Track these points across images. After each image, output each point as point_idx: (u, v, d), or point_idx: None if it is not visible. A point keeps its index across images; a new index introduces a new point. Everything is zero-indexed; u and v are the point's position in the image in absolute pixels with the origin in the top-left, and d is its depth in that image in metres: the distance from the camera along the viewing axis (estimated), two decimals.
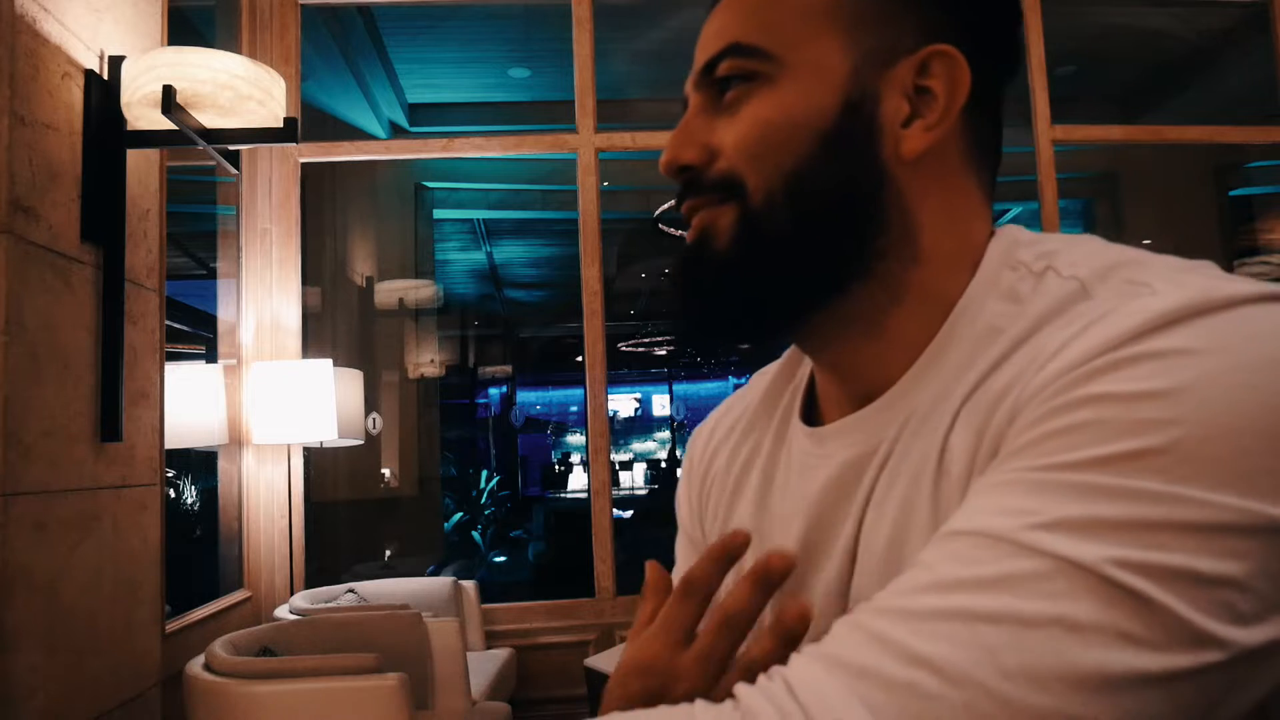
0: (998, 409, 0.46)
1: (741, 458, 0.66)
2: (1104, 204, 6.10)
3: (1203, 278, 0.44)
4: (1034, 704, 0.35)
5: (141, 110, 1.78)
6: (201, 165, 2.86)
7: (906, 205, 0.53)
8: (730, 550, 0.54)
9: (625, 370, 13.67)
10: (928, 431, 0.51)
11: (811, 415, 0.62)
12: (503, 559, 8.69)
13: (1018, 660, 0.36)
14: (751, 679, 0.42)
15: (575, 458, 12.96)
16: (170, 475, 3.63)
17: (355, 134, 5.18)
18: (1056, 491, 0.39)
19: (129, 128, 1.82)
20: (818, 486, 0.56)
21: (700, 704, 0.42)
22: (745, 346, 0.61)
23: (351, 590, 2.85)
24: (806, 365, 0.64)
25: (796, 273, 0.54)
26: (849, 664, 0.39)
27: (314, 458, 3.72)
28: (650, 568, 0.59)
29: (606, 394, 3.28)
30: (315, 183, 4.67)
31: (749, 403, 0.68)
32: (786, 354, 0.67)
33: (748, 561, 0.62)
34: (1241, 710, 0.37)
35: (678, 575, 0.74)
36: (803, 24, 0.54)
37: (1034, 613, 0.36)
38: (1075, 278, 0.48)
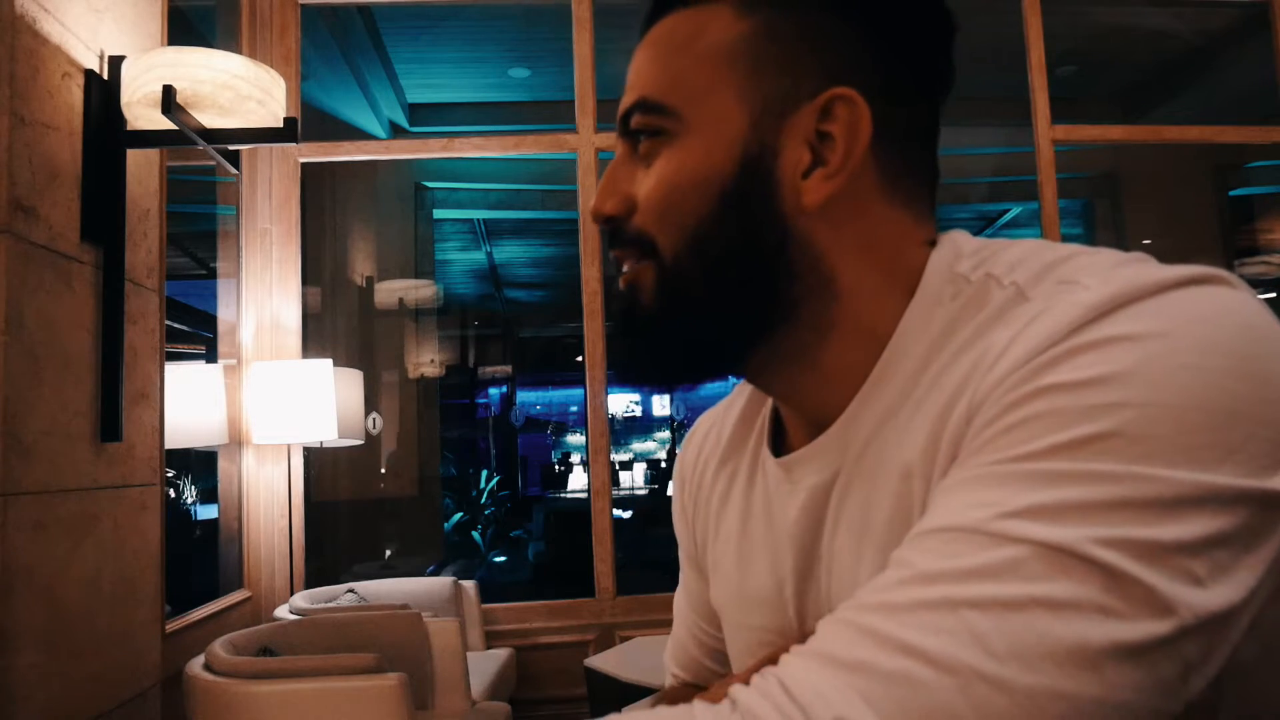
0: (952, 413, 0.47)
1: (724, 478, 0.68)
2: (1104, 204, 6.10)
3: (1130, 269, 0.45)
4: (1025, 683, 0.37)
5: (141, 110, 1.78)
6: (201, 165, 2.86)
7: (817, 252, 0.54)
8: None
9: None
10: (880, 448, 0.52)
11: (779, 441, 0.63)
12: (503, 559, 8.69)
13: (1005, 643, 0.37)
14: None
15: (575, 458, 12.96)
16: (170, 475, 3.63)
17: (355, 134, 5.18)
18: (1021, 481, 0.41)
19: (129, 128, 1.82)
20: (793, 515, 0.58)
21: (699, 704, 0.42)
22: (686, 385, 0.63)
23: (351, 590, 2.85)
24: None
25: (716, 324, 0.55)
26: (841, 660, 0.39)
27: (314, 458, 3.72)
28: None
29: (606, 394, 3.28)
30: (315, 183, 4.67)
31: (729, 421, 0.69)
32: None
33: (736, 589, 0.65)
34: (1209, 677, 0.39)
35: (681, 594, 0.77)
36: (703, 75, 0.54)
37: (1015, 596, 0.38)
38: (1013, 283, 0.49)
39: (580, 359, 3.35)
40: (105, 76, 1.81)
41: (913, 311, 0.53)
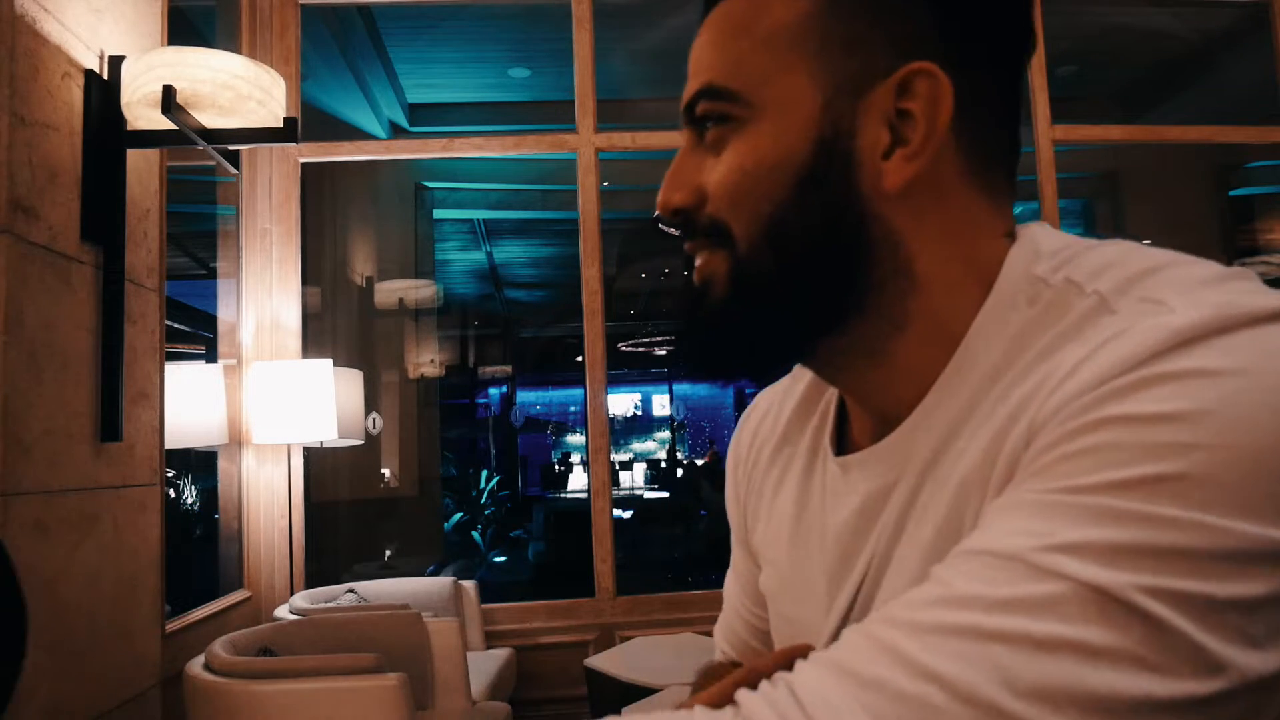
0: (1012, 430, 0.45)
1: (780, 462, 0.66)
2: (1104, 204, 6.10)
3: (1224, 293, 0.42)
4: None
5: (141, 110, 1.78)
6: (201, 165, 2.86)
7: (896, 237, 0.52)
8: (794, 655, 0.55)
9: (625, 370, 13.67)
10: (942, 463, 0.50)
11: (843, 432, 0.61)
12: (503, 559, 8.69)
13: (1030, 681, 0.36)
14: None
15: (575, 458, 12.96)
16: (170, 475, 3.63)
17: (355, 134, 5.19)
18: (1073, 514, 0.38)
19: (129, 128, 1.82)
20: (842, 517, 0.57)
21: (700, 710, 0.41)
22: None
23: (351, 590, 2.85)
24: None
25: (789, 315, 0.53)
26: (857, 673, 0.38)
27: (314, 458, 3.72)
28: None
29: (606, 394, 3.28)
30: (315, 183, 4.67)
31: (789, 404, 0.67)
32: None
33: (785, 577, 0.64)
34: None
35: (731, 575, 0.76)
36: (770, 57, 0.52)
37: (1048, 634, 0.36)
38: (1096, 292, 0.46)
39: (580, 359, 3.35)
40: (105, 76, 1.81)
41: (987, 313, 0.50)
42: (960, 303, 0.51)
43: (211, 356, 3.19)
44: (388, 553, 4.71)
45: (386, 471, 5.64)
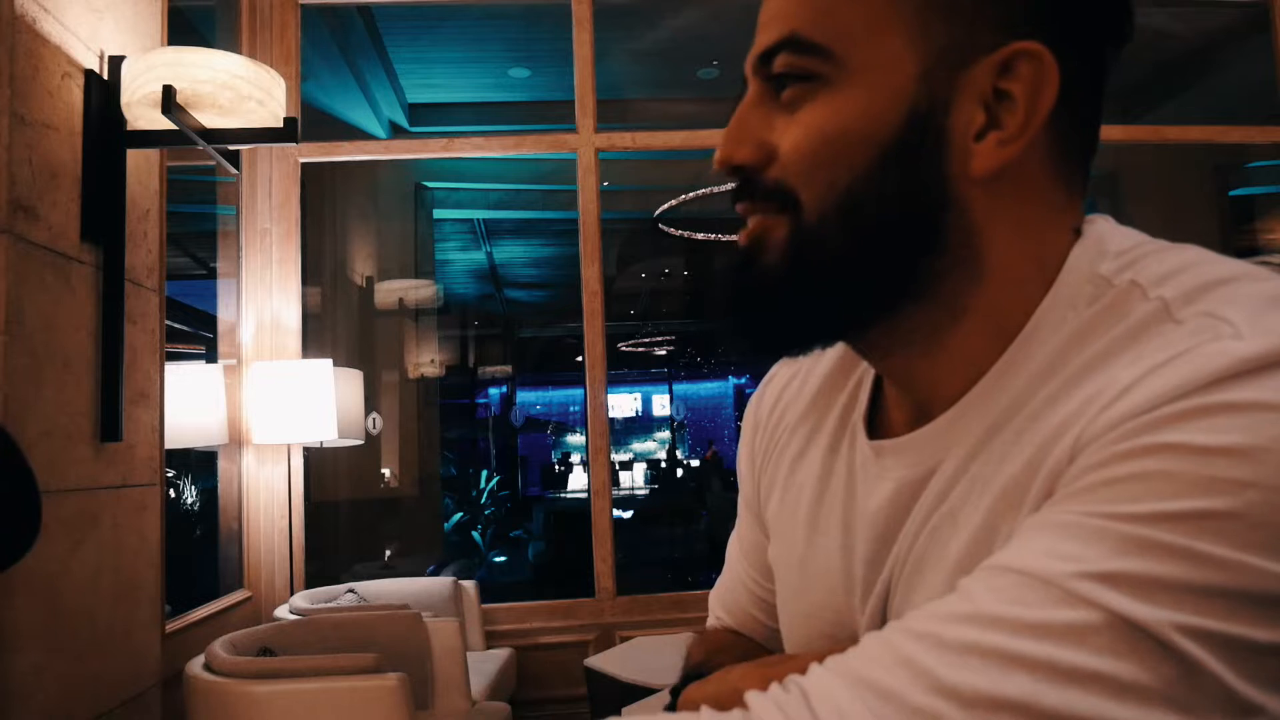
0: (1057, 443, 0.43)
1: (803, 433, 0.63)
2: (1104, 204, 6.09)
3: None
4: None
5: (141, 110, 1.78)
6: (201, 165, 2.86)
7: (973, 225, 0.49)
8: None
9: (625, 370, 13.67)
10: (984, 460, 0.48)
11: (876, 413, 0.59)
12: (503, 559, 8.69)
13: (1050, 710, 0.35)
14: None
15: (575, 458, 12.96)
16: (170, 475, 3.63)
17: (355, 134, 5.19)
18: (1114, 542, 0.37)
19: (129, 128, 1.82)
20: (877, 503, 0.54)
21: (706, 711, 0.41)
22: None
23: (351, 590, 2.85)
24: None
25: (848, 293, 0.50)
26: (873, 684, 0.37)
27: (314, 458, 3.72)
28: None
29: (606, 394, 3.28)
30: (315, 183, 4.67)
31: (817, 372, 0.64)
32: None
33: (800, 556, 0.61)
34: None
35: (735, 541, 0.74)
36: (867, 12, 0.48)
37: (1074, 664, 0.35)
38: (1160, 298, 0.44)
39: (580, 359, 3.35)
40: (105, 76, 1.81)
41: (1046, 309, 0.48)
42: (1022, 299, 0.49)
43: (211, 356, 3.19)
44: (388, 553, 4.71)
45: (386, 471, 5.64)
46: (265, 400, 2.82)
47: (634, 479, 12.59)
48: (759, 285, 0.52)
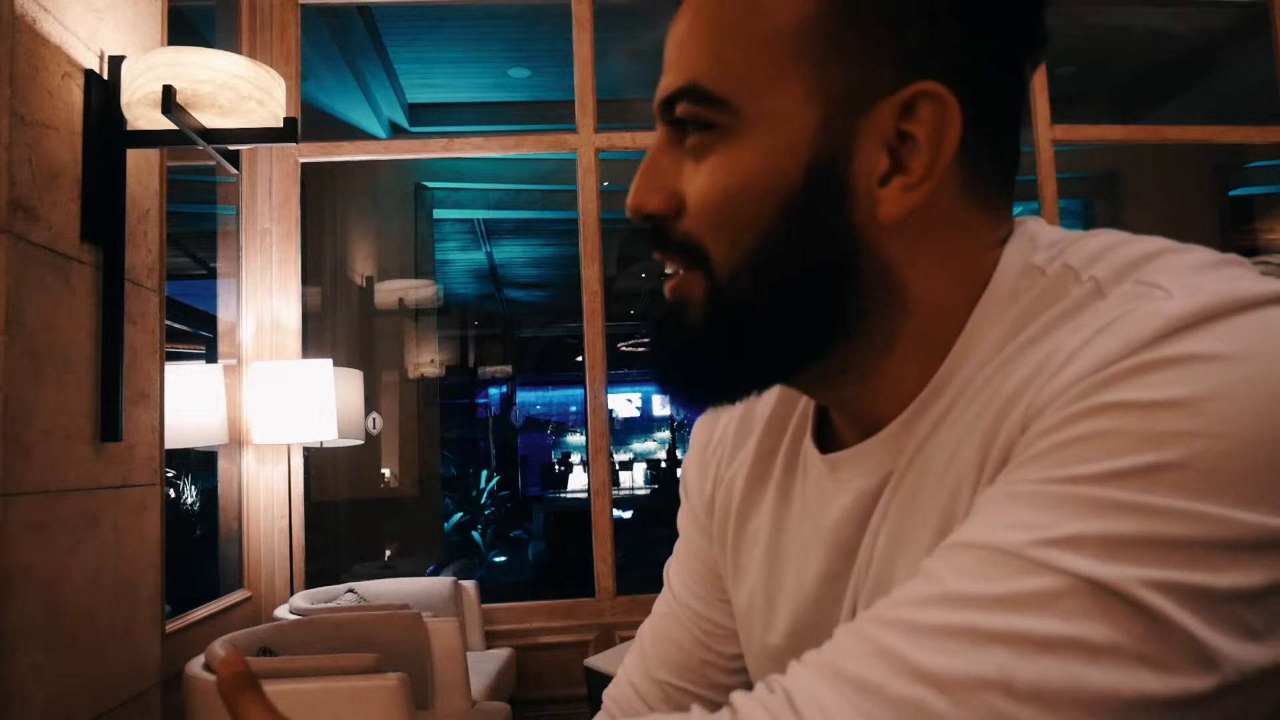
0: (1008, 416, 0.43)
1: (758, 461, 0.63)
2: (1104, 204, 6.10)
3: (1220, 279, 0.41)
4: None
5: (141, 110, 1.78)
6: (201, 165, 2.86)
7: (888, 266, 0.49)
8: None
9: (625, 370, 13.67)
10: (937, 445, 0.49)
11: (824, 433, 0.59)
12: (503, 559, 8.69)
13: (1028, 681, 0.35)
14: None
15: (575, 458, 12.96)
16: (170, 475, 3.63)
17: (355, 134, 5.18)
18: (1070, 505, 0.37)
19: (129, 128, 1.82)
20: (836, 516, 0.54)
21: (696, 710, 0.41)
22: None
23: (351, 590, 2.85)
24: None
25: (772, 345, 0.50)
26: (853, 678, 0.37)
27: (314, 458, 3.72)
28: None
29: (606, 394, 3.28)
30: (315, 183, 4.67)
31: (766, 402, 0.64)
32: None
33: (764, 588, 0.61)
34: None
35: (681, 547, 0.72)
36: (766, 62, 0.47)
37: (1047, 632, 0.35)
38: (1092, 278, 0.45)
39: (580, 359, 3.35)
40: (105, 76, 1.81)
41: (980, 314, 0.49)
42: (952, 319, 0.49)
43: (211, 356, 3.19)
44: (388, 553, 4.71)
45: (386, 471, 5.64)
46: (265, 400, 2.82)
47: (634, 479, 12.59)
48: (683, 343, 0.52)
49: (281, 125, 1.88)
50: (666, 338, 0.53)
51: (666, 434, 14.18)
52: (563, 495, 11.46)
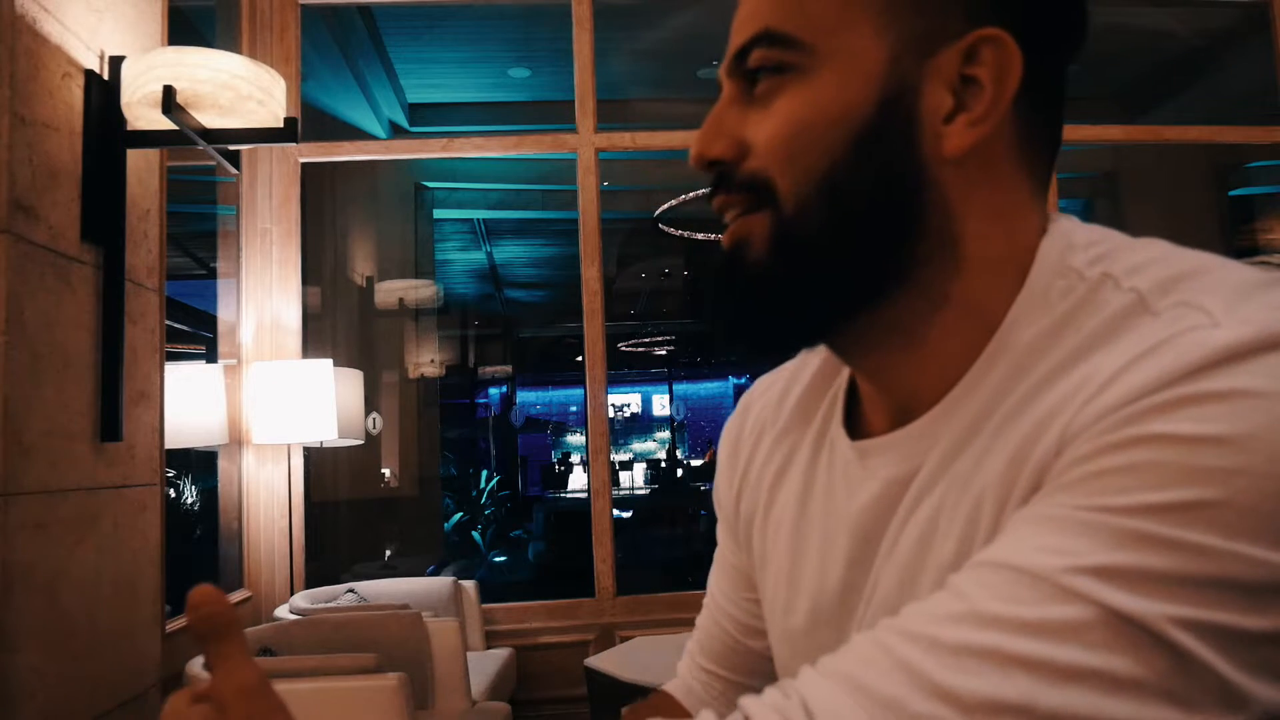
0: (1043, 436, 0.43)
1: (782, 451, 0.64)
2: (1104, 204, 6.10)
3: (1268, 306, 0.40)
4: None
5: (142, 110, 1.78)
6: (201, 165, 2.86)
7: (948, 208, 0.50)
8: None
9: (625, 370, 13.67)
10: (967, 456, 0.48)
11: (854, 420, 0.59)
12: (503, 559, 8.69)
13: (1049, 709, 0.35)
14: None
15: (575, 458, 12.95)
16: (170, 475, 3.63)
17: (355, 134, 5.18)
18: (1105, 535, 0.37)
19: (129, 128, 1.82)
20: (861, 503, 0.55)
21: (705, 714, 0.41)
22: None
23: (351, 590, 2.85)
24: (846, 369, 0.61)
25: (833, 281, 0.51)
26: (873, 691, 0.37)
27: (314, 457, 3.72)
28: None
29: (606, 394, 3.28)
30: (315, 183, 4.67)
31: (795, 390, 0.65)
32: (826, 354, 0.64)
33: (788, 574, 0.61)
34: None
35: (717, 554, 0.74)
36: (838, 6, 0.49)
37: (1071, 662, 0.35)
38: (1134, 289, 0.44)
39: (580, 359, 3.35)
40: (105, 76, 1.81)
41: (1021, 304, 0.48)
42: (999, 288, 0.50)
43: (211, 356, 3.19)
44: (388, 553, 4.71)
45: (386, 471, 5.65)
46: (265, 400, 2.82)
47: (634, 479, 12.59)
48: (747, 283, 0.52)
49: (281, 125, 1.88)
50: (728, 280, 0.53)
51: (666, 434, 14.18)
52: (563, 495, 11.45)
